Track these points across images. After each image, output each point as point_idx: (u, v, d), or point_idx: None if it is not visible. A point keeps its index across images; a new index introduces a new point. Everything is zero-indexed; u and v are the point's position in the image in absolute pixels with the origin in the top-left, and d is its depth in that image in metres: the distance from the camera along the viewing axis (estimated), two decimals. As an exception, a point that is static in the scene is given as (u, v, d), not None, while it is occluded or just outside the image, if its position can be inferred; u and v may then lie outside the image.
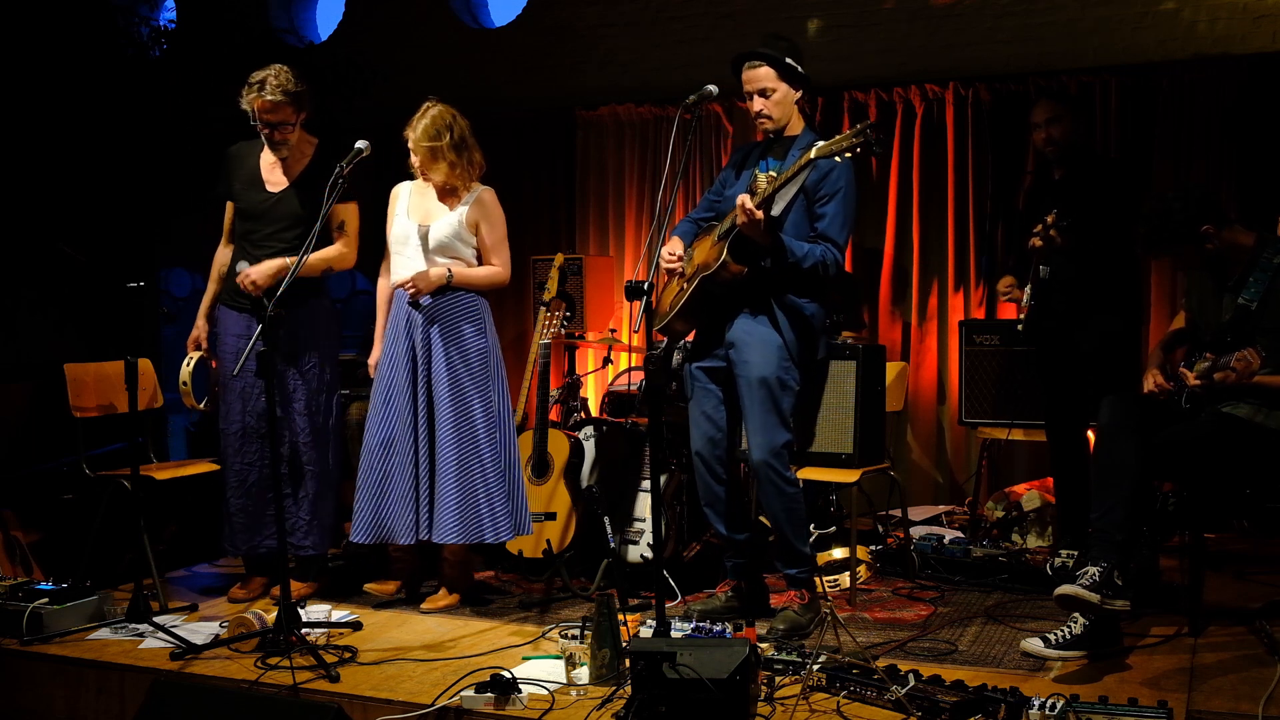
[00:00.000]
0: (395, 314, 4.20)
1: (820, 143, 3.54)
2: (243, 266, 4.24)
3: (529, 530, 4.26)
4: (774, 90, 3.83)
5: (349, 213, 4.34)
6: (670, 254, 3.90)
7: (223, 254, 4.49)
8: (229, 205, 4.43)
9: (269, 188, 4.34)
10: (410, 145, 4.11)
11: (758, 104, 3.86)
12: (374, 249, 4.40)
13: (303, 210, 4.30)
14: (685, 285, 3.90)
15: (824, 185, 3.75)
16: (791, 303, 3.81)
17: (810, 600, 3.90)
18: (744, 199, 3.63)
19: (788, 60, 3.81)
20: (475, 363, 4.15)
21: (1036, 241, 4.31)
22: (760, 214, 3.60)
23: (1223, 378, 3.44)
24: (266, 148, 4.35)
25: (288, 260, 4.11)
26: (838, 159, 3.57)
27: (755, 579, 4.09)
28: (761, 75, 3.83)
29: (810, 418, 4.37)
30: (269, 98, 4.17)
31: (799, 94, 3.88)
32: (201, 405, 4.52)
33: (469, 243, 4.20)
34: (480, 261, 4.24)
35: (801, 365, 3.86)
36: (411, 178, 4.26)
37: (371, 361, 4.33)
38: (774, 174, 3.78)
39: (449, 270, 4.13)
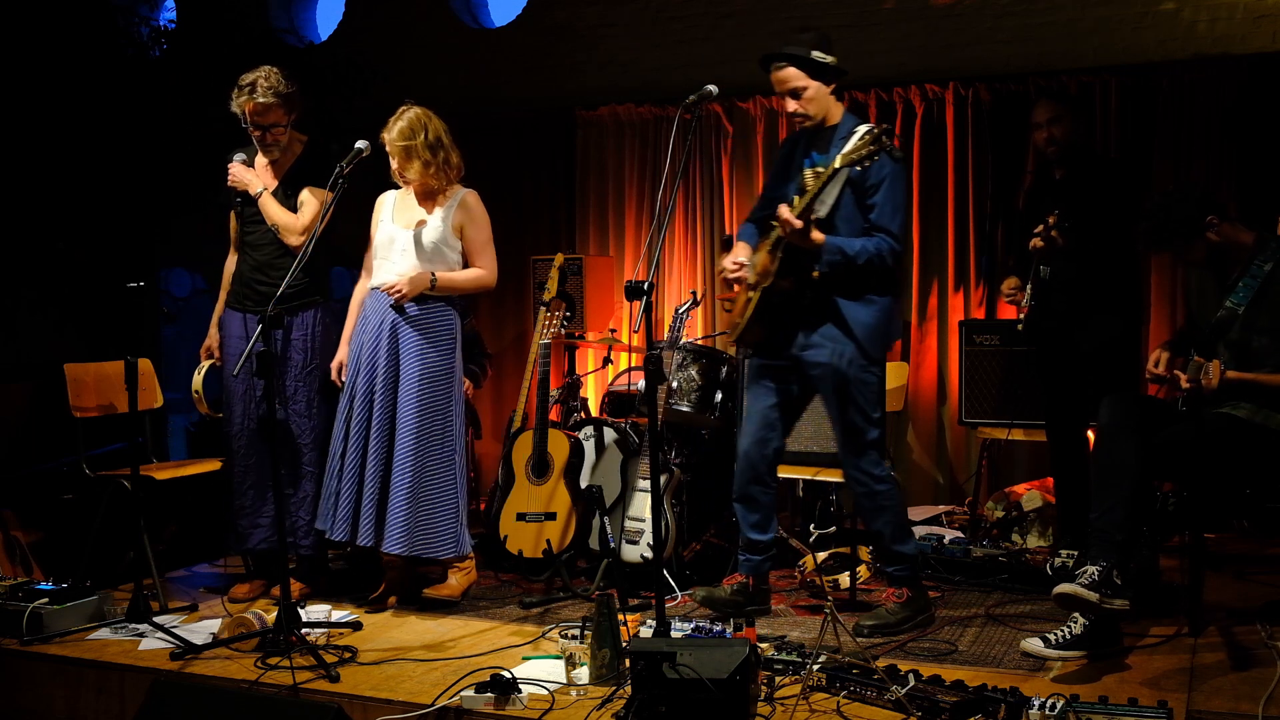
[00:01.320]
0: (366, 315, 4.18)
1: (853, 140, 3.54)
2: (239, 155, 4.25)
3: (468, 549, 4.24)
4: (804, 88, 3.78)
5: (316, 197, 4.29)
6: (734, 263, 3.91)
7: (232, 262, 4.50)
8: (232, 214, 4.43)
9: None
10: (387, 147, 4.11)
11: (790, 105, 3.82)
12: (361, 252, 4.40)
13: (291, 206, 4.30)
14: (751, 295, 3.90)
15: (869, 175, 3.69)
16: (858, 299, 3.77)
17: (909, 599, 3.85)
18: (784, 210, 3.63)
19: (814, 55, 3.75)
20: (441, 379, 4.15)
21: (1038, 242, 4.31)
22: (800, 223, 3.59)
23: (1208, 384, 3.46)
24: (260, 151, 4.34)
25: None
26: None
27: (763, 579, 4.08)
28: (789, 76, 3.78)
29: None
30: (260, 100, 4.16)
31: (833, 85, 3.82)
32: (217, 413, 4.53)
33: (454, 247, 4.19)
34: (465, 266, 4.24)
35: (876, 358, 3.84)
36: (397, 186, 4.26)
37: (334, 364, 4.28)
38: (820, 169, 3.75)
39: (432, 274, 4.12)
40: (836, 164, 3.55)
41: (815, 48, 3.77)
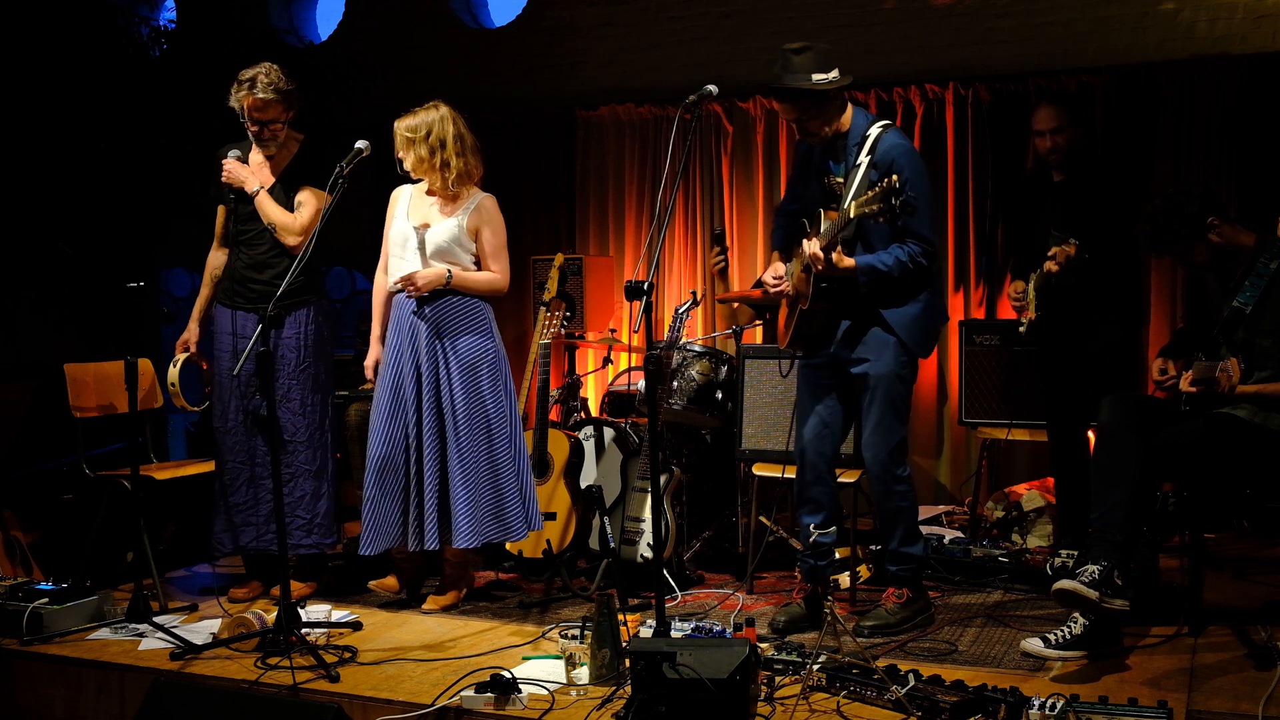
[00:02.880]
0: (398, 319, 4.18)
1: (865, 190, 3.53)
2: (234, 152, 4.25)
3: (540, 525, 4.28)
4: (807, 119, 3.75)
5: (315, 197, 4.31)
6: (774, 278, 3.94)
7: (216, 257, 4.50)
8: (220, 209, 4.43)
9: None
10: (396, 134, 4.12)
11: (799, 130, 3.82)
12: (374, 250, 4.39)
13: (287, 204, 4.30)
14: (789, 311, 3.92)
15: (895, 175, 3.61)
16: (897, 301, 3.76)
17: (909, 599, 3.85)
18: (808, 246, 3.64)
19: (815, 80, 3.66)
20: (485, 366, 4.15)
21: (1052, 266, 4.26)
22: (822, 260, 3.61)
23: (1227, 380, 3.45)
24: (255, 148, 4.35)
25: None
26: (894, 145, 3.65)
27: (825, 585, 4.04)
28: (790, 109, 3.75)
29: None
30: (260, 95, 4.18)
31: (838, 100, 3.76)
32: (195, 407, 4.52)
33: (468, 249, 4.19)
34: (479, 268, 4.24)
35: (916, 358, 3.84)
36: (413, 181, 4.26)
37: (368, 363, 4.31)
38: (840, 180, 3.77)
39: (449, 271, 4.13)
40: (850, 213, 3.55)
41: (814, 69, 3.68)
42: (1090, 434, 4.34)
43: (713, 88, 3.60)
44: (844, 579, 4.32)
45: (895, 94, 6.03)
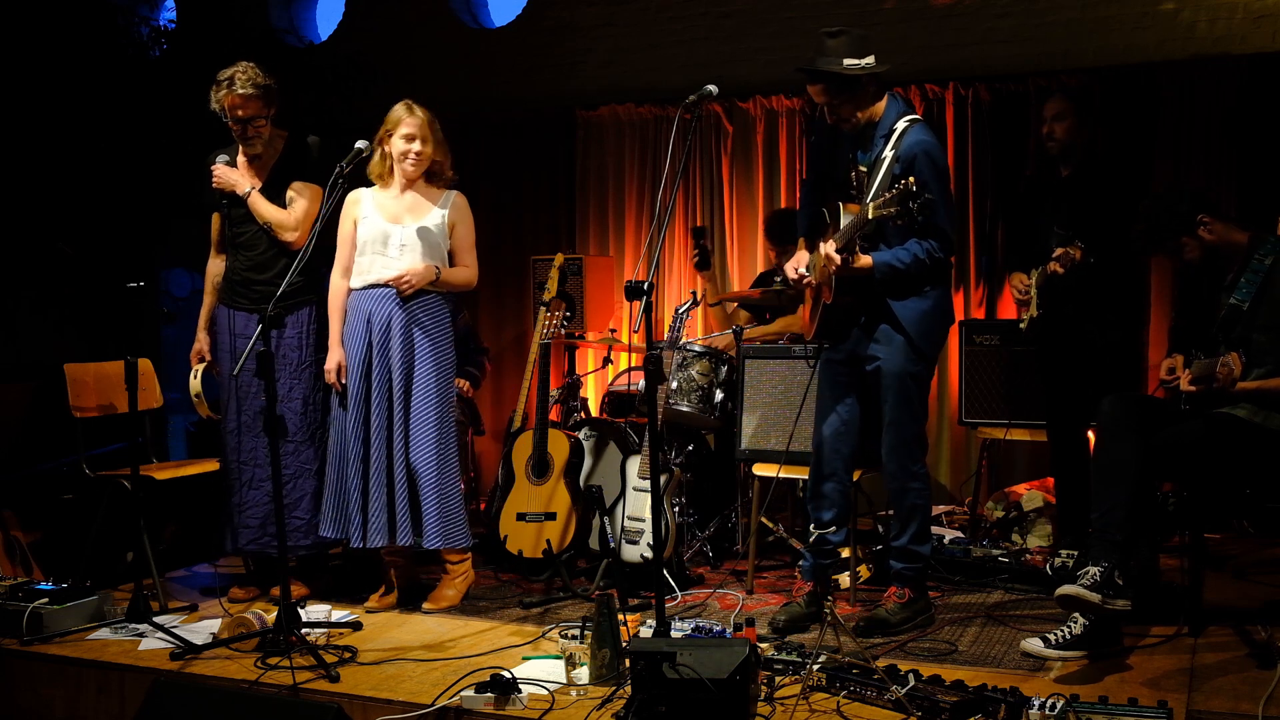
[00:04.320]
0: (367, 314, 4.16)
1: (882, 191, 3.54)
2: (222, 157, 4.30)
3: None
4: (837, 103, 3.74)
5: (308, 192, 4.32)
6: (796, 274, 3.95)
7: (215, 265, 4.50)
8: (215, 216, 4.43)
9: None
10: (414, 126, 4.13)
11: (830, 115, 3.79)
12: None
13: (279, 202, 4.31)
14: (813, 303, 3.93)
15: (912, 177, 3.60)
16: (911, 298, 3.76)
17: (910, 600, 3.84)
18: (825, 249, 3.64)
19: (846, 64, 3.66)
20: (449, 372, 4.23)
21: (1056, 268, 4.26)
22: (838, 261, 3.61)
23: (1227, 375, 3.45)
24: (242, 150, 4.35)
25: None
26: (918, 141, 3.66)
27: (825, 584, 4.05)
28: (820, 91, 3.74)
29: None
30: (240, 92, 4.19)
31: (870, 87, 3.75)
32: (218, 415, 4.52)
33: (446, 245, 4.26)
34: (450, 264, 4.28)
35: (928, 355, 3.84)
36: (367, 185, 4.26)
37: (329, 366, 4.21)
38: (865, 169, 3.78)
39: (437, 268, 4.17)
40: (869, 214, 3.55)
41: (848, 54, 3.68)
42: (1090, 434, 4.34)
43: (713, 88, 3.59)
44: (844, 579, 4.33)
45: (895, 94, 6.02)
